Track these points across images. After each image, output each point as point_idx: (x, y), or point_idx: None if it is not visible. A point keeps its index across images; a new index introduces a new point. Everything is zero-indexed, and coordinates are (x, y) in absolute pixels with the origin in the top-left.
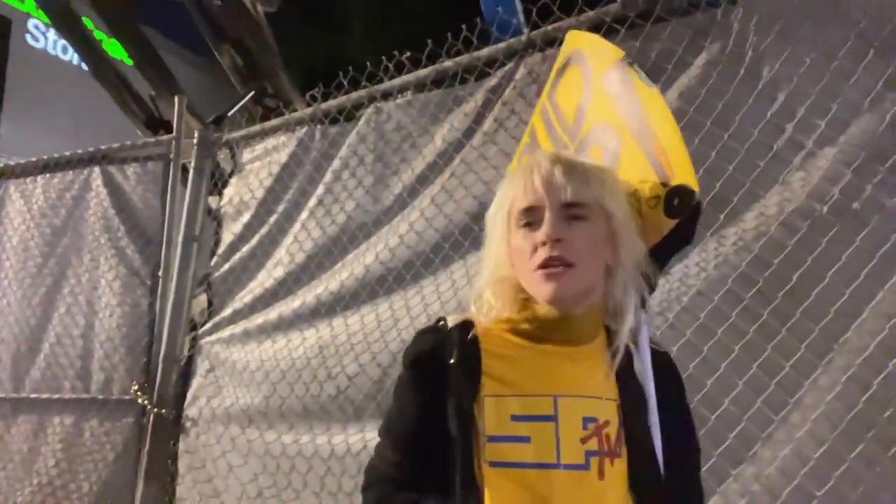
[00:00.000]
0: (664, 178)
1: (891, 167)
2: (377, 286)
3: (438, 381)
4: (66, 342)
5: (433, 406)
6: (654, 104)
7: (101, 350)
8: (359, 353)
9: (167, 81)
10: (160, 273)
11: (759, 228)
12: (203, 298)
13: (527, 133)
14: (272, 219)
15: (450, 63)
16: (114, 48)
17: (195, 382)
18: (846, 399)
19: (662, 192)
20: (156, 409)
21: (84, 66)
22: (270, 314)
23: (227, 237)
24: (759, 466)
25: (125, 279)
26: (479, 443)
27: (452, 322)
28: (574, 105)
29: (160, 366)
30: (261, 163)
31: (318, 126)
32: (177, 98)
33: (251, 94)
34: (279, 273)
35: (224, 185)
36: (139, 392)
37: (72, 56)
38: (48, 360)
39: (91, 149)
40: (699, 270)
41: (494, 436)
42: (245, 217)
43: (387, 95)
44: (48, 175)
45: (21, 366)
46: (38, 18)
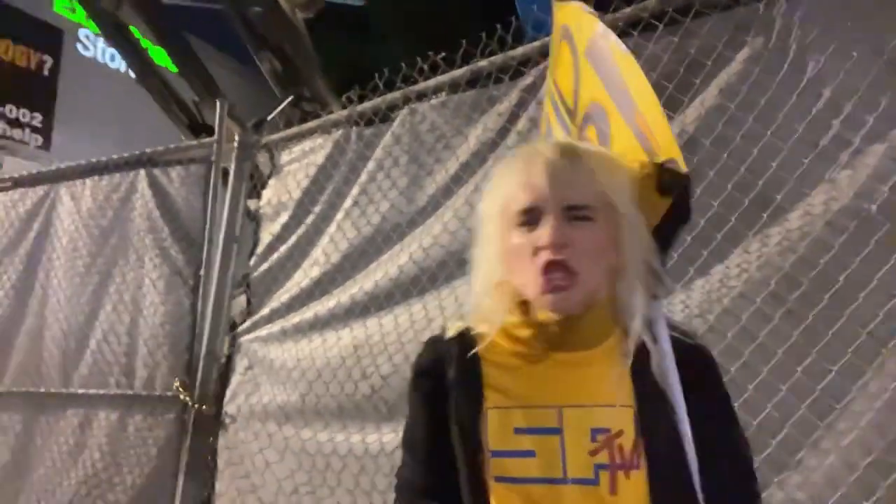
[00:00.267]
0: (652, 154)
1: None
2: (411, 286)
3: (440, 395)
4: (112, 339)
5: (438, 419)
6: (632, 72)
7: (145, 347)
8: (392, 354)
9: (210, 87)
10: (202, 273)
11: (804, 228)
12: (242, 298)
13: (543, 120)
14: (309, 219)
15: (484, 63)
16: (159, 56)
17: (234, 380)
18: (894, 406)
19: (654, 170)
20: (197, 406)
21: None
22: (306, 314)
23: (266, 238)
24: (804, 474)
25: (168, 279)
26: (485, 457)
27: (451, 332)
28: (570, 84)
29: (201, 363)
30: (298, 164)
31: (354, 128)
32: (218, 102)
33: (290, 99)
34: (315, 273)
35: (263, 187)
36: (181, 389)
37: (120, 64)
38: (95, 357)
39: (137, 152)
40: (741, 272)
41: (498, 450)
42: (283, 218)
43: (421, 96)
44: (96, 177)
45: (69, 362)
46: (89, 28)
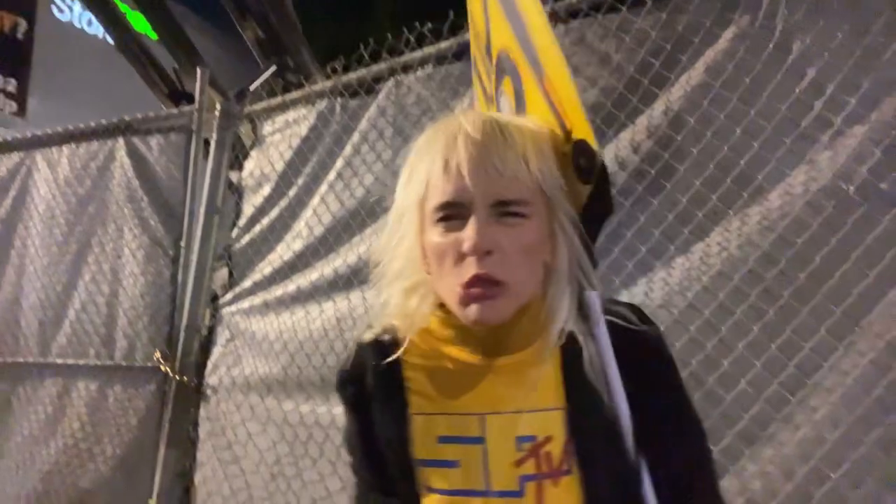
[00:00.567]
0: (564, 128)
1: None
2: None
3: (364, 403)
4: (91, 309)
5: (368, 427)
6: (537, 21)
7: (125, 318)
8: None
9: (190, 55)
10: (182, 244)
11: (784, 208)
12: (224, 270)
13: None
14: (292, 192)
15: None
16: (138, 21)
17: (216, 352)
18: (865, 382)
19: (569, 149)
20: (178, 377)
21: (109, 39)
22: (289, 286)
23: (248, 209)
24: (776, 447)
25: (148, 249)
26: (414, 465)
27: (368, 336)
28: (483, 25)
29: (182, 335)
30: (281, 135)
31: (339, 99)
32: (199, 70)
33: (273, 69)
34: (298, 246)
35: (245, 158)
36: (162, 360)
37: (97, 29)
38: (73, 327)
39: (115, 120)
40: (720, 250)
41: (423, 459)
42: (265, 190)
43: (407, 68)
44: (73, 145)
45: (47, 331)
46: None
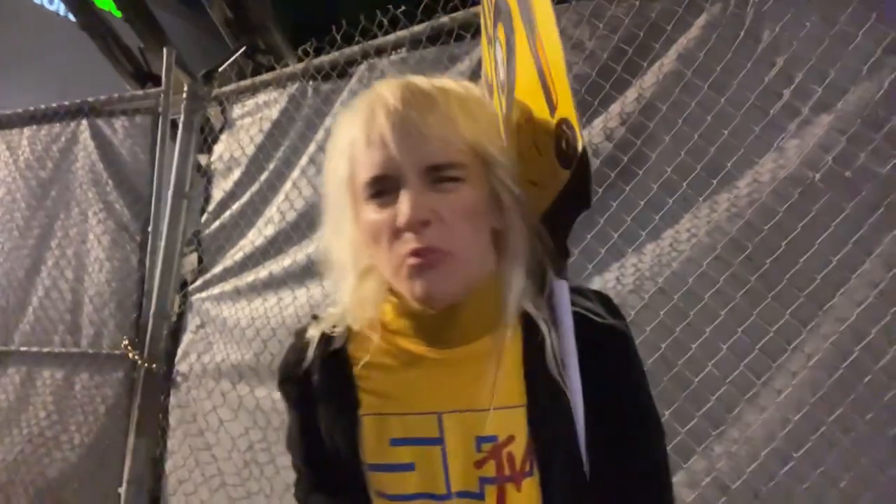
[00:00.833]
0: (551, 100)
1: (885, 135)
2: None
3: (308, 402)
4: (55, 296)
5: (312, 429)
6: None
7: (91, 305)
8: None
9: (156, 34)
10: (150, 229)
11: (752, 195)
12: (193, 256)
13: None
14: (263, 176)
15: (446, 19)
16: None
17: (186, 338)
18: (828, 365)
19: (553, 127)
20: (146, 364)
21: (71, 17)
22: (261, 272)
23: (218, 194)
24: (742, 429)
25: (114, 234)
26: (364, 469)
27: (313, 330)
28: None
29: (150, 321)
30: (251, 119)
31: (311, 82)
32: (165, 51)
33: (243, 50)
34: (270, 231)
35: (214, 141)
36: (129, 347)
37: (58, 6)
38: (37, 314)
39: (78, 101)
40: (690, 236)
41: (375, 463)
42: (235, 174)
43: (381, 52)
44: (34, 126)
45: (10, 319)
46: None
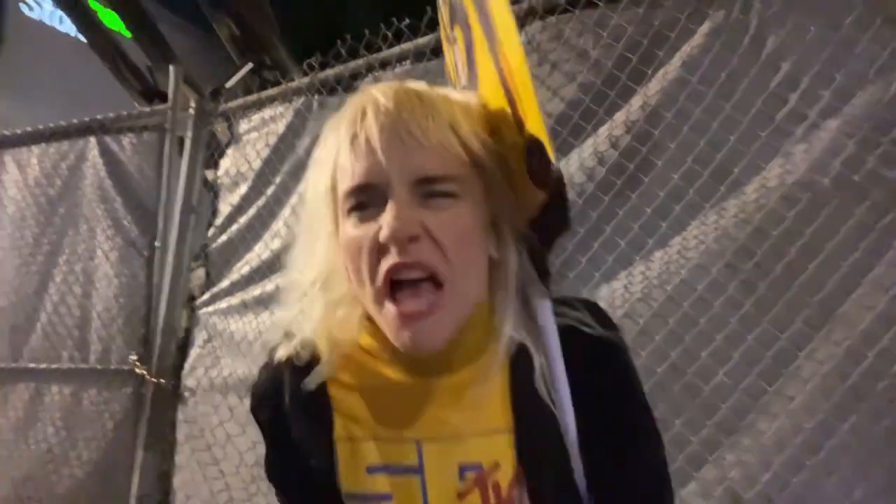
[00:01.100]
0: (518, 119)
1: (893, 139)
2: None
3: (281, 426)
4: (64, 312)
5: (287, 454)
6: None
7: (99, 321)
8: None
9: (164, 52)
10: (157, 244)
11: (760, 201)
12: (201, 270)
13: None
14: (269, 190)
15: None
16: (111, 19)
17: (193, 353)
18: (840, 371)
19: (521, 142)
20: (154, 380)
21: (81, 37)
22: (267, 286)
23: (225, 209)
24: (754, 436)
25: (122, 250)
26: (343, 499)
27: (282, 352)
28: None
29: (158, 336)
30: (258, 133)
31: (316, 96)
32: (172, 68)
33: (249, 66)
34: (276, 245)
35: (221, 156)
36: (137, 362)
37: (69, 27)
38: (46, 330)
39: (87, 119)
40: (698, 243)
41: (351, 492)
42: (242, 188)
43: (385, 65)
44: (44, 144)
45: (19, 335)
46: None
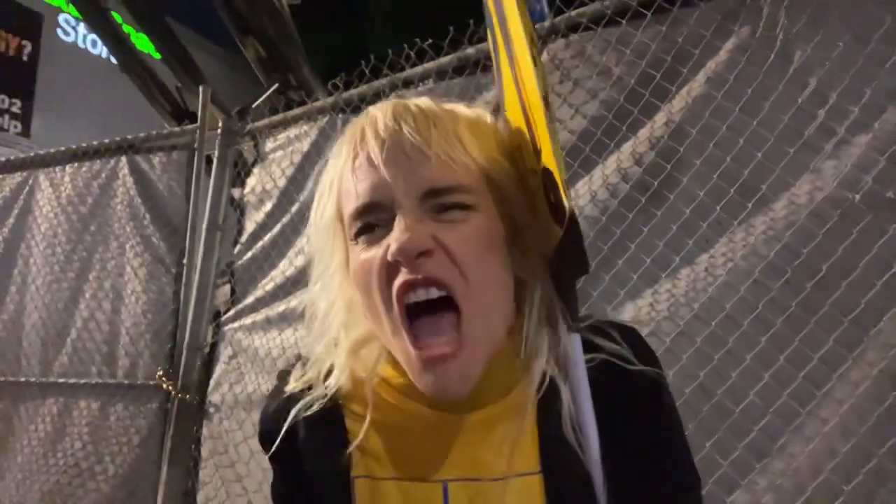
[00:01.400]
0: (535, 146)
1: None
2: None
3: (293, 461)
4: (93, 328)
5: (297, 492)
6: (515, 13)
7: (127, 336)
8: None
9: (193, 73)
10: (185, 261)
11: (789, 218)
12: (226, 287)
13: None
14: (294, 208)
15: (472, 50)
16: (141, 42)
17: (218, 369)
18: (876, 393)
19: (539, 170)
20: (180, 395)
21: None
22: (292, 302)
23: (250, 226)
24: (787, 460)
25: (150, 267)
26: None
27: (295, 382)
28: None
29: (184, 352)
30: (283, 152)
31: (340, 115)
32: (201, 89)
33: (275, 87)
34: (300, 262)
35: (247, 175)
36: (164, 378)
37: (101, 49)
38: (75, 346)
39: (118, 139)
40: (726, 261)
41: None
42: (267, 206)
43: (408, 84)
44: (76, 164)
45: (49, 350)
46: (69, 13)
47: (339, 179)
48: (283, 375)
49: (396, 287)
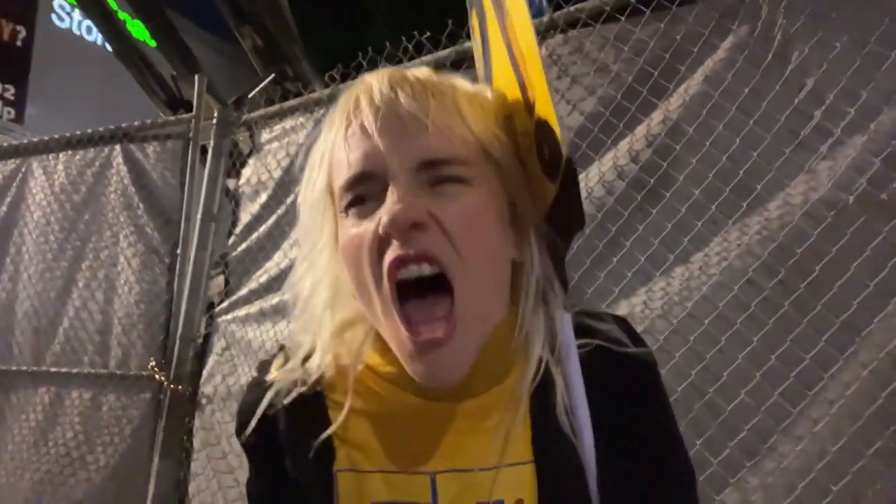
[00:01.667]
0: (526, 96)
1: None
2: None
3: (272, 452)
4: (86, 317)
5: (276, 487)
6: None
7: (120, 326)
8: None
9: (188, 62)
10: (178, 251)
11: (784, 218)
12: (220, 278)
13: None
14: (289, 199)
15: (469, 43)
16: (137, 29)
17: (211, 360)
18: (866, 394)
19: (532, 128)
20: (172, 386)
21: (108, 47)
22: (285, 295)
23: (245, 217)
24: (777, 459)
25: (144, 256)
26: None
27: (276, 371)
28: None
29: (177, 343)
30: (279, 143)
31: None
32: (197, 78)
33: (271, 77)
34: (295, 254)
35: (242, 165)
36: (156, 368)
37: (96, 36)
38: (68, 335)
39: (112, 127)
40: (720, 260)
41: None
42: (262, 197)
43: None
44: (70, 152)
45: (42, 339)
46: None
47: (331, 150)
48: (264, 366)
49: (388, 262)
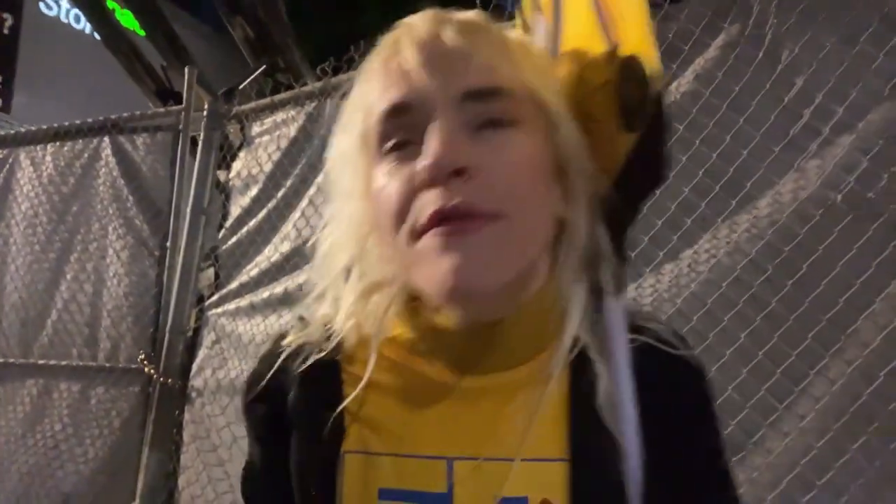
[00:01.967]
0: (611, 44)
1: None
2: None
3: (279, 427)
4: (74, 309)
5: (277, 465)
6: None
7: (109, 319)
8: None
9: (179, 53)
10: (168, 244)
11: (773, 216)
12: (210, 271)
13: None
14: (280, 193)
15: None
16: (126, 18)
17: (201, 354)
18: (851, 390)
19: (612, 75)
20: (161, 379)
21: (96, 36)
22: (276, 289)
23: (235, 210)
24: (763, 454)
25: (133, 249)
26: None
27: (293, 338)
28: None
29: (167, 336)
30: (270, 136)
31: (328, 100)
32: (187, 69)
33: (263, 69)
34: (286, 248)
35: (233, 158)
36: (145, 361)
37: (84, 24)
38: (56, 327)
39: (101, 118)
40: (709, 257)
41: None
42: (253, 191)
43: None
44: (58, 143)
45: (29, 331)
46: None
47: (368, 97)
48: (278, 337)
49: (427, 215)
